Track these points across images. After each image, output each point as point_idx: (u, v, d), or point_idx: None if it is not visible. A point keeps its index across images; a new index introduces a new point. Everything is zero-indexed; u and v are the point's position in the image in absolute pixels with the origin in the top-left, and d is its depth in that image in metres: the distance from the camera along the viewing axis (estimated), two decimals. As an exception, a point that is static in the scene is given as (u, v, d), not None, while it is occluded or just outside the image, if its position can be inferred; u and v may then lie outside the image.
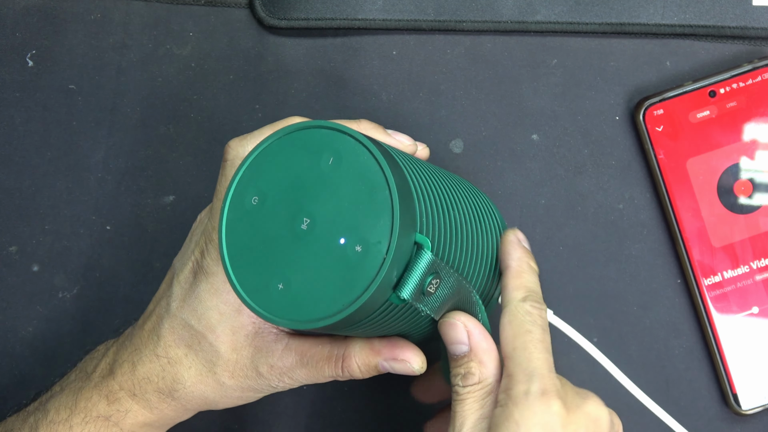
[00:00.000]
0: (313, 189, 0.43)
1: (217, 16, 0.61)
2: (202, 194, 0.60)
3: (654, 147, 0.58)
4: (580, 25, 0.59)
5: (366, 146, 0.43)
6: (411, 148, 0.51)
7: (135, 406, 0.48)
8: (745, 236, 0.58)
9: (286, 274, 0.43)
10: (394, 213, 0.42)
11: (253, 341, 0.48)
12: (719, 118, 0.58)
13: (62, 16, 0.61)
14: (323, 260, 0.42)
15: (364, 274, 0.42)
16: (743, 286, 0.58)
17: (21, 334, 0.60)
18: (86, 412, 0.48)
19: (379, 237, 0.42)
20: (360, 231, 0.42)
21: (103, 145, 0.60)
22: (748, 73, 0.58)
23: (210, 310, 0.47)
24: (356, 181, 0.43)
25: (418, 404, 0.58)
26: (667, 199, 0.58)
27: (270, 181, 0.44)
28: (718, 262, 0.58)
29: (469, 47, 0.60)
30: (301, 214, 0.43)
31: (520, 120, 0.60)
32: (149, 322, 0.49)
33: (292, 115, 0.60)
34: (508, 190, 0.59)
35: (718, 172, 0.58)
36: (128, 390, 0.48)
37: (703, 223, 0.58)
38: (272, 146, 0.44)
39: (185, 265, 0.49)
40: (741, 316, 0.58)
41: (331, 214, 0.43)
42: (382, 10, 0.60)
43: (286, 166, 0.43)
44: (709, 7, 0.59)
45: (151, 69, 0.61)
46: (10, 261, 0.60)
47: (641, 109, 0.58)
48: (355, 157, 0.43)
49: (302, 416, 0.59)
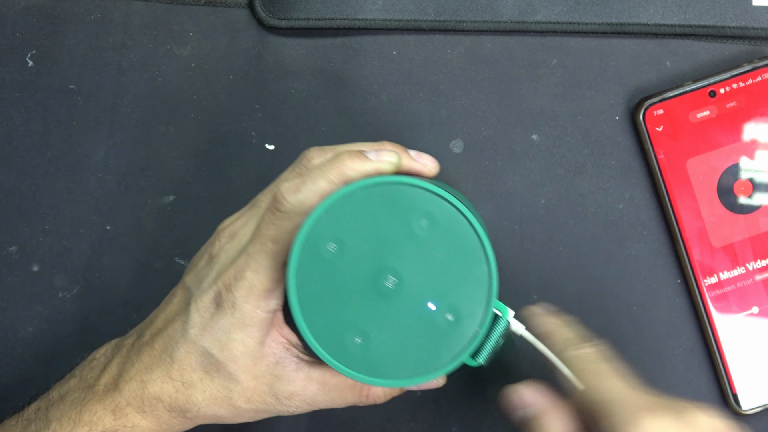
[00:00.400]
0: (401, 248, 0.43)
1: (217, 16, 0.61)
2: (202, 194, 0.60)
3: (654, 147, 0.58)
4: (580, 25, 0.59)
5: (465, 215, 0.43)
6: (435, 169, 0.50)
7: (143, 422, 0.48)
8: (745, 236, 0.58)
9: (364, 329, 0.43)
10: (491, 289, 0.43)
11: (274, 370, 0.48)
12: (719, 118, 0.58)
13: (62, 16, 0.61)
14: (409, 322, 0.43)
15: (453, 343, 0.43)
16: (743, 286, 0.58)
17: (21, 335, 0.59)
18: (91, 425, 0.48)
19: (473, 309, 0.43)
20: (452, 299, 0.43)
21: (103, 145, 0.60)
22: (748, 73, 0.58)
23: (234, 342, 0.47)
24: (451, 248, 0.43)
25: (418, 404, 0.58)
26: (667, 199, 0.58)
27: (350, 231, 0.43)
28: (718, 262, 0.58)
29: (469, 47, 0.60)
30: (385, 271, 0.43)
31: (520, 120, 0.60)
32: (159, 340, 0.49)
33: (296, 113, 0.60)
34: (508, 190, 0.59)
35: (718, 172, 0.58)
36: (136, 406, 0.48)
37: (703, 223, 0.58)
38: (353, 195, 0.44)
39: (205, 293, 0.48)
40: (741, 316, 0.58)
41: (420, 277, 0.43)
42: (382, 10, 0.60)
43: (370, 219, 0.43)
44: (709, 7, 0.59)
45: (151, 69, 0.61)
46: (10, 261, 0.60)
47: (641, 109, 0.58)
48: (452, 223, 0.43)
49: (302, 416, 0.59)
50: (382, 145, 0.50)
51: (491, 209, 0.59)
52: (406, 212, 0.43)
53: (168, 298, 0.51)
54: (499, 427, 0.58)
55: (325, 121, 0.60)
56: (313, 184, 0.46)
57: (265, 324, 0.47)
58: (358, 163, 0.46)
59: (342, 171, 0.46)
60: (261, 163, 0.60)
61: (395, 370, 0.43)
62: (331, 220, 0.43)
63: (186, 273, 0.51)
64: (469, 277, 0.43)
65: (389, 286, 0.43)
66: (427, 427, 0.59)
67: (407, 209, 0.43)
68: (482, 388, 0.59)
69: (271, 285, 0.47)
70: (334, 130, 0.60)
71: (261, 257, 0.47)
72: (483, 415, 0.58)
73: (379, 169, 0.47)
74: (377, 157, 0.47)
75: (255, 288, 0.47)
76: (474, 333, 0.43)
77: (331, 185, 0.46)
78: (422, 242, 0.43)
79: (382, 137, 0.60)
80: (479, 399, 0.59)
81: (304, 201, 0.46)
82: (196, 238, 0.60)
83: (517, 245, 0.59)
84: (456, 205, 0.43)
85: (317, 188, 0.46)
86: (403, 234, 0.43)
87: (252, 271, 0.47)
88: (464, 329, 0.43)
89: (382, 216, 0.43)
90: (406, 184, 0.43)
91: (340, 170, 0.46)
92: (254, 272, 0.47)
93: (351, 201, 0.43)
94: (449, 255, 0.43)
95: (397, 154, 0.48)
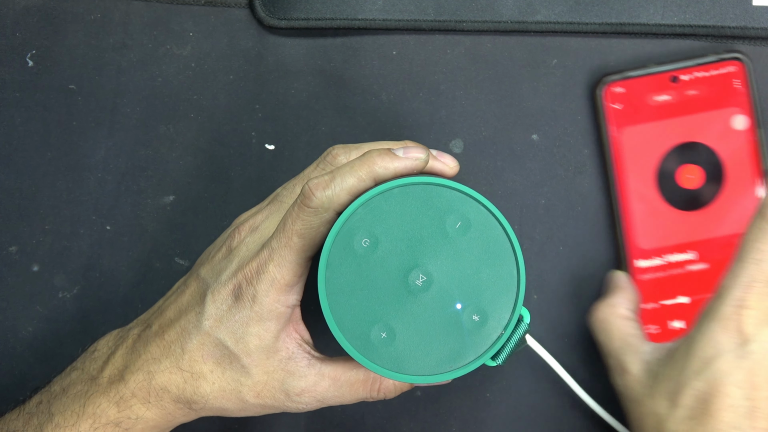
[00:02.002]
0: (433, 247, 0.44)
1: (217, 16, 0.61)
2: (202, 194, 0.60)
3: (608, 123, 0.58)
4: (580, 25, 0.59)
5: (498, 219, 0.44)
6: (456, 169, 0.50)
7: (148, 413, 0.48)
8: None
9: (390, 325, 0.44)
10: (519, 293, 0.44)
11: (286, 366, 0.48)
12: (678, 104, 0.58)
13: (62, 16, 0.61)
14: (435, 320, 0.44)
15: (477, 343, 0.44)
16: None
17: (21, 334, 0.59)
18: (95, 417, 0.48)
19: (499, 311, 0.44)
20: (480, 301, 0.44)
21: (103, 145, 0.60)
22: (712, 64, 0.58)
23: (250, 335, 0.47)
24: (483, 251, 0.44)
25: (418, 404, 0.58)
26: (613, 176, 0.58)
27: (384, 228, 0.44)
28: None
29: (469, 47, 0.60)
30: (416, 268, 0.44)
31: (520, 120, 0.60)
32: (171, 331, 0.49)
33: (296, 113, 0.60)
34: (508, 190, 0.59)
35: (661, 155, 0.58)
36: (142, 397, 0.48)
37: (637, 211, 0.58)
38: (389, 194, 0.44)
39: (224, 286, 0.48)
40: None
41: (450, 277, 0.44)
42: (382, 10, 0.60)
43: (404, 218, 0.44)
44: (709, 7, 0.59)
45: (151, 69, 0.61)
46: (10, 261, 0.60)
47: (601, 85, 0.58)
48: (485, 226, 0.44)
49: (302, 416, 0.59)
50: (405, 143, 0.50)
51: (491, 209, 0.59)
52: (440, 213, 0.44)
53: (179, 289, 0.51)
54: (500, 427, 0.58)
55: (325, 121, 0.60)
56: (343, 180, 0.46)
57: (282, 319, 0.48)
58: (387, 160, 0.47)
59: (371, 168, 0.46)
60: (261, 163, 0.60)
61: (418, 366, 0.44)
62: (366, 216, 0.44)
63: (200, 265, 0.51)
64: (498, 280, 0.44)
65: (419, 283, 0.44)
66: (427, 426, 0.59)
67: (442, 210, 0.44)
68: (482, 388, 0.59)
69: (293, 280, 0.47)
70: (334, 130, 0.60)
71: (285, 251, 0.47)
72: (483, 415, 0.58)
73: (407, 166, 0.47)
74: (405, 154, 0.47)
75: (277, 282, 0.47)
76: (498, 335, 0.44)
77: (360, 182, 0.46)
78: (454, 243, 0.44)
79: (382, 137, 0.60)
80: (479, 399, 0.59)
81: (333, 198, 0.46)
82: (196, 238, 0.60)
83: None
84: (489, 208, 0.44)
85: (347, 185, 0.46)
86: (436, 234, 0.44)
87: (275, 265, 0.47)
88: (489, 331, 0.44)
89: (417, 215, 0.44)
90: (441, 186, 0.44)
91: (370, 168, 0.46)
92: (277, 266, 0.47)
93: (387, 199, 0.44)
94: (480, 257, 0.44)
95: (426, 151, 0.48)
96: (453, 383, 0.58)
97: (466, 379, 0.59)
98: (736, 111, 0.57)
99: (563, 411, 0.58)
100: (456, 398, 0.59)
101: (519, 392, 0.58)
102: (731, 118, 0.57)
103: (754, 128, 0.57)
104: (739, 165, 0.57)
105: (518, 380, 0.59)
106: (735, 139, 0.57)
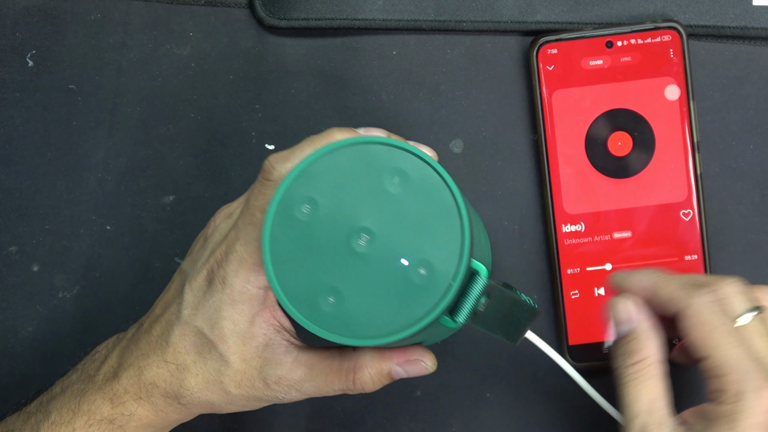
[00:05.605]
0: (373, 206, 0.42)
1: (217, 16, 0.61)
2: (202, 194, 0.60)
3: (541, 85, 0.58)
4: (579, 25, 0.59)
5: (436, 169, 0.42)
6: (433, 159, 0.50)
7: (140, 410, 0.48)
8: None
9: (337, 289, 0.42)
10: (464, 240, 0.42)
11: (263, 353, 0.47)
12: (611, 69, 0.58)
13: (62, 16, 0.61)
14: (382, 279, 0.42)
15: (427, 297, 0.42)
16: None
17: (21, 334, 0.60)
18: (89, 414, 0.48)
19: (446, 262, 0.42)
20: (425, 254, 0.42)
21: (103, 145, 0.60)
22: (648, 32, 0.58)
23: (224, 320, 0.47)
24: (423, 204, 0.42)
25: (417, 405, 0.58)
26: (542, 135, 0.58)
27: (323, 192, 0.43)
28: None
29: (469, 47, 0.60)
30: (359, 230, 0.42)
31: (520, 120, 0.60)
32: (157, 326, 0.49)
33: (296, 113, 0.60)
34: (508, 190, 0.59)
35: (591, 120, 0.58)
36: (134, 393, 0.48)
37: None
38: (325, 158, 0.43)
39: (198, 273, 0.48)
40: None
41: (393, 234, 0.42)
42: (382, 10, 0.60)
43: (342, 180, 0.43)
44: (709, 7, 0.59)
45: (151, 69, 0.61)
46: (10, 261, 0.60)
47: (536, 45, 0.58)
48: (424, 179, 0.42)
49: (302, 416, 0.59)
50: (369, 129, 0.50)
51: (491, 209, 0.59)
52: (379, 171, 0.42)
53: (167, 287, 0.51)
54: (499, 427, 0.58)
55: (325, 121, 0.60)
56: (302, 152, 0.46)
57: (255, 301, 0.47)
58: (346, 134, 0.46)
59: (331, 141, 0.46)
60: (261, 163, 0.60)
61: (370, 329, 0.42)
62: (305, 183, 0.43)
63: (184, 260, 0.51)
64: (442, 232, 0.42)
65: (362, 244, 0.42)
66: (427, 426, 0.59)
67: (380, 168, 0.42)
68: (482, 388, 0.59)
69: (261, 258, 0.47)
70: (334, 130, 0.60)
71: (250, 229, 0.46)
72: (483, 415, 0.58)
73: None
74: (366, 132, 0.47)
75: (245, 261, 0.46)
76: (447, 286, 0.42)
77: None
78: (395, 200, 0.42)
79: (382, 137, 0.60)
80: (479, 399, 0.59)
81: (292, 170, 0.46)
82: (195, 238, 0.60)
83: (517, 245, 0.59)
84: (429, 161, 0.42)
85: (304, 155, 0.46)
86: (376, 192, 0.42)
87: (242, 244, 0.46)
88: (438, 284, 0.42)
89: (355, 176, 0.43)
90: (378, 143, 0.43)
91: (329, 141, 0.46)
92: (244, 245, 0.46)
93: (324, 163, 0.43)
94: (422, 211, 0.42)
95: (386, 133, 0.48)
96: (453, 383, 0.58)
97: (466, 379, 0.58)
98: (670, 81, 0.57)
99: (564, 410, 0.58)
100: (456, 398, 0.59)
101: (519, 392, 0.58)
102: (665, 88, 0.57)
103: (686, 99, 0.57)
104: (670, 135, 0.57)
105: (518, 380, 0.59)
106: (667, 109, 0.57)
